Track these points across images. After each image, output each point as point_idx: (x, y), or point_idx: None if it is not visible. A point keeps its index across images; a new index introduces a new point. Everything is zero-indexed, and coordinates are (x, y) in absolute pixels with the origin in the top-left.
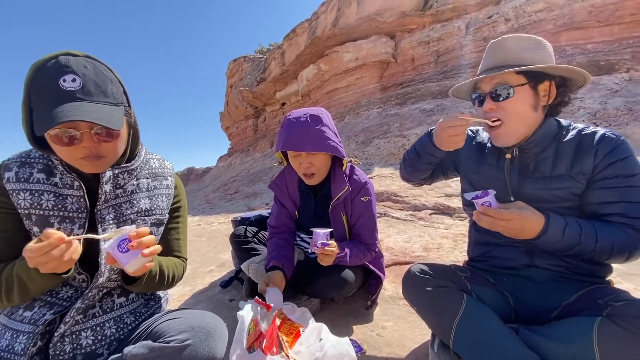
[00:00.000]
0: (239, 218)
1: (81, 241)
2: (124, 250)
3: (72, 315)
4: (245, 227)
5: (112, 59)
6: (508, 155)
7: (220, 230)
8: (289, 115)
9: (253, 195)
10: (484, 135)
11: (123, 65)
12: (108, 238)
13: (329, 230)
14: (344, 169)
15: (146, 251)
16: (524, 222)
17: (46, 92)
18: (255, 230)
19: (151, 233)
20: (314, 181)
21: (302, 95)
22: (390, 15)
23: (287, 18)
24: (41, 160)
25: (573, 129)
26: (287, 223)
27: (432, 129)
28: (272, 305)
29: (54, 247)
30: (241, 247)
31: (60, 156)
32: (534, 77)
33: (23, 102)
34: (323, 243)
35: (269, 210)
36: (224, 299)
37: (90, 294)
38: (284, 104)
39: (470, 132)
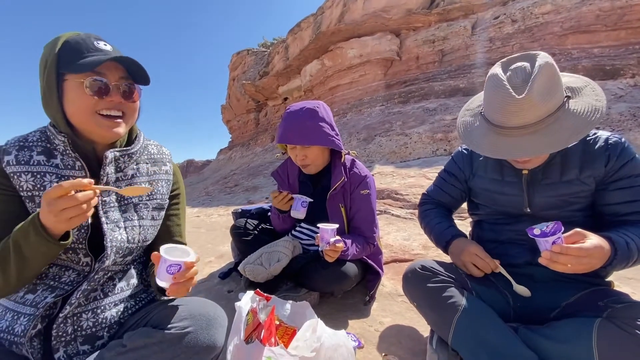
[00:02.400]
0: (240, 210)
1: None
2: (170, 272)
3: (77, 297)
4: (245, 219)
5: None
6: (525, 172)
7: (220, 222)
8: (289, 107)
9: (253, 189)
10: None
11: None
12: (127, 194)
13: (336, 226)
14: (342, 160)
15: (175, 287)
16: (601, 248)
17: (84, 49)
18: (255, 223)
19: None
20: (310, 170)
21: (304, 90)
22: (397, 12)
23: (292, 12)
24: (40, 144)
25: None
26: None
27: (450, 239)
28: (271, 297)
29: (78, 188)
30: (241, 239)
31: (81, 113)
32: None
33: (46, 81)
34: (336, 240)
35: (270, 204)
36: (222, 290)
37: (96, 276)
38: (286, 98)
39: (464, 151)
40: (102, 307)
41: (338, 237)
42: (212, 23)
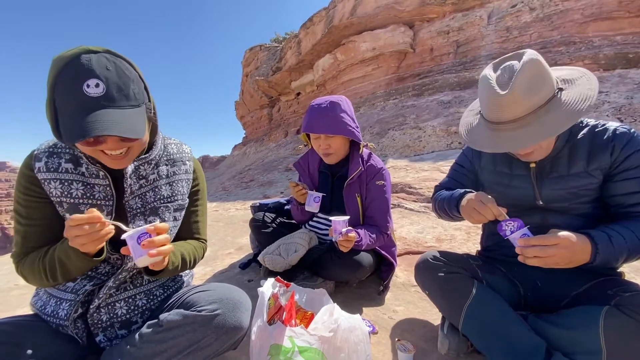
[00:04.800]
0: (258, 204)
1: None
2: (139, 242)
3: (105, 292)
4: (263, 212)
5: (128, 47)
6: (532, 165)
7: (237, 216)
8: (313, 102)
9: (268, 184)
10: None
11: (140, 54)
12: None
13: (347, 217)
14: (360, 152)
15: (153, 251)
16: (571, 242)
17: (71, 97)
18: (273, 216)
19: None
20: (332, 160)
21: (317, 85)
22: (410, 3)
23: (304, 6)
24: (67, 151)
25: (585, 127)
26: None
27: (460, 199)
28: (290, 284)
29: (89, 222)
30: (260, 231)
31: (85, 153)
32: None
33: (48, 100)
34: (348, 230)
35: (286, 198)
36: (243, 279)
37: (120, 275)
38: (299, 93)
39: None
40: (133, 297)
41: (350, 228)
42: (225, 19)
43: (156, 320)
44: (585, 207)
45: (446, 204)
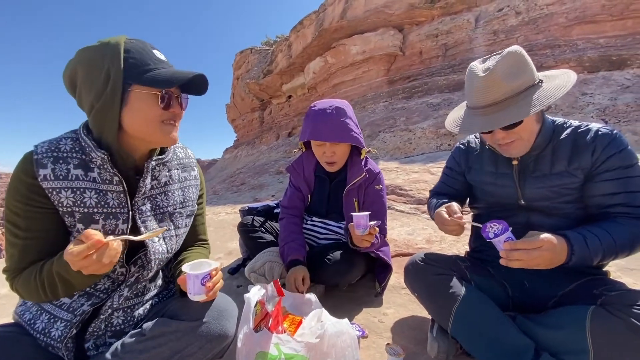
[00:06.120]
0: (247, 208)
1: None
2: (203, 283)
3: (119, 302)
4: (252, 216)
5: None
6: (515, 162)
7: (227, 220)
8: (314, 105)
9: (259, 187)
10: (478, 144)
11: None
12: (144, 239)
13: (368, 213)
14: (362, 157)
15: (210, 293)
16: (554, 244)
17: (149, 60)
18: (262, 220)
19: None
20: (335, 168)
21: (308, 88)
22: (399, 7)
23: (295, 9)
24: (75, 155)
25: (568, 127)
26: (299, 205)
27: (433, 215)
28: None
29: (93, 250)
30: (248, 235)
31: (148, 122)
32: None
33: (111, 79)
34: (375, 223)
35: (276, 201)
36: (232, 285)
37: (122, 293)
38: (290, 96)
39: (461, 146)
40: (133, 307)
41: (374, 222)
42: (215, 22)
43: (139, 330)
44: (568, 207)
45: (431, 215)
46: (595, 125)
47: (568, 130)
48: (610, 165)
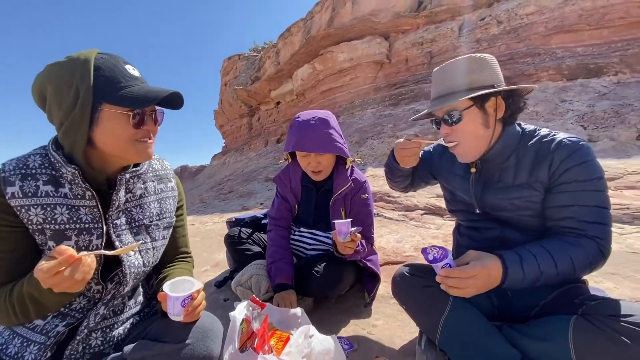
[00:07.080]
0: (234, 219)
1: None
2: (183, 305)
3: (95, 320)
4: (239, 228)
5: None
6: (473, 170)
7: (215, 230)
8: (298, 117)
9: (247, 194)
10: None
11: None
12: (119, 254)
13: (350, 220)
14: (347, 167)
15: (190, 316)
16: (488, 271)
17: (120, 77)
18: (249, 232)
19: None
20: (321, 177)
21: (296, 94)
22: (385, 15)
23: (282, 17)
24: (44, 171)
25: (536, 136)
26: (286, 216)
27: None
28: (266, 304)
29: (65, 266)
30: (235, 247)
31: (121, 141)
32: (480, 98)
33: (80, 97)
34: (356, 229)
35: (264, 211)
36: (218, 298)
37: (115, 301)
38: (278, 103)
39: (442, 143)
40: (111, 326)
41: (355, 228)
42: (203, 28)
43: (120, 353)
44: (527, 219)
45: (388, 159)
46: (560, 135)
47: (534, 140)
48: (568, 177)
